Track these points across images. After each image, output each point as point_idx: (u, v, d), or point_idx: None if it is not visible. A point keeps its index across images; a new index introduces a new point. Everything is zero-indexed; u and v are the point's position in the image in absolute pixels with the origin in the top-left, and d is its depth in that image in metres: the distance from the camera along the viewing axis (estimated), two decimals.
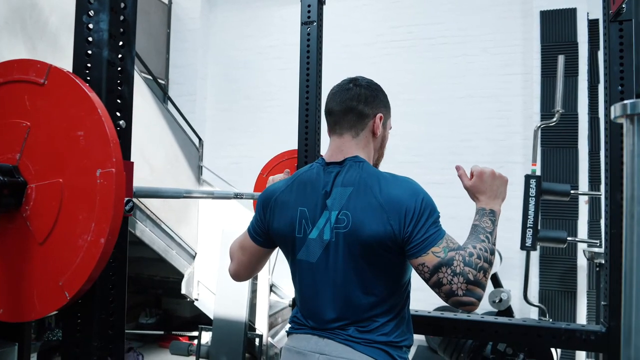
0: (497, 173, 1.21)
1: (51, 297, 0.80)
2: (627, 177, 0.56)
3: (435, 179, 4.57)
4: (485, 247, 1.06)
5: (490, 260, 1.05)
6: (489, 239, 1.10)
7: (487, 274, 1.04)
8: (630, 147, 0.56)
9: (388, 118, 1.29)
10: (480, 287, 1.01)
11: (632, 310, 0.55)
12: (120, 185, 0.78)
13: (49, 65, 0.83)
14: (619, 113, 0.56)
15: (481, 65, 4.47)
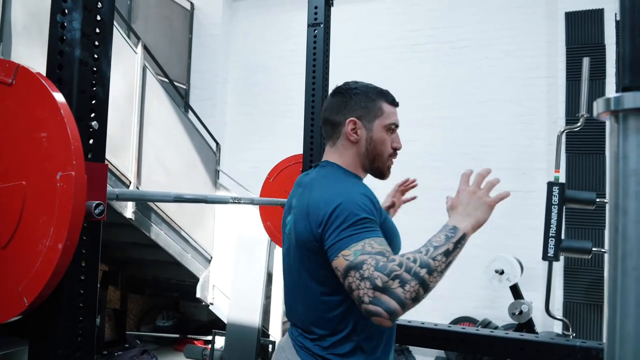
0: (479, 193, 1.10)
1: (11, 303, 0.77)
2: (610, 184, 0.49)
3: (454, 185, 4.43)
4: (417, 259, 0.95)
5: (417, 273, 0.92)
6: (429, 252, 0.96)
7: (408, 287, 0.91)
8: (615, 149, 0.49)
9: (370, 119, 1.21)
10: (390, 295, 0.91)
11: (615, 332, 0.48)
12: (81, 189, 0.75)
13: (17, 65, 0.81)
14: (601, 109, 0.49)
15: (504, 68, 4.34)
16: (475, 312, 4.25)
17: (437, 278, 0.96)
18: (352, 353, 1.11)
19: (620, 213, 0.48)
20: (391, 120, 1.23)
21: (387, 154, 1.24)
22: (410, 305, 0.94)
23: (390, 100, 1.26)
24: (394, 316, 0.93)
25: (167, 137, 3.83)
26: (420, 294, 0.93)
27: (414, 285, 0.92)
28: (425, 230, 4.96)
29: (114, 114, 3.21)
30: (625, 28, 0.49)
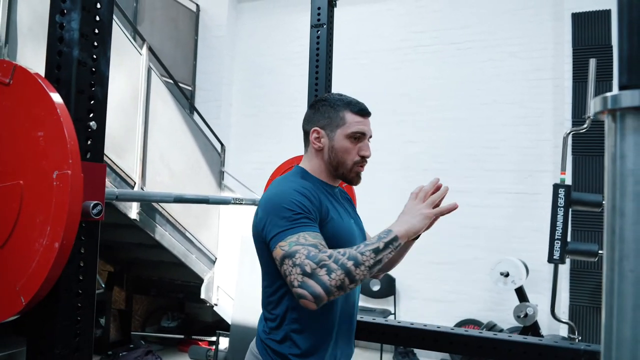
0: (418, 205, 1.17)
1: (9, 303, 0.77)
2: (607, 185, 0.48)
3: (460, 187, 4.42)
4: (347, 252, 1.05)
5: (344, 264, 1.03)
6: (359, 248, 1.07)
7: (333, 275, 1.01)
8: (612, 148, 0.48)
9: (332, 129, 1.29)
10: (316, 281, 1.01)
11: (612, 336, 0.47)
12: (77, 188, 0.75)
13: (14, 65, 0.81)
14: (598, 108, 0.48)
15: (509, 70, 4.32)
16: (480, 315, 4.23)
17: (364, 271, 1.05)
18: (282, 341, 1.22)
19: (617, 214, 0.47)
20: (354, 129, 1.27)
21: (351, 162, 1.28)
22: (336, 293, 1.03)
23: (355, 110, 1.29)
24: (318, 300, 1.02)
25: (172, 139, 3.84)
26: (345, 284, 1.03)
27: (339, 274, 1.02)
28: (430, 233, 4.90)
29: (119, 116, 3.23)
30: (622, 26, 0.48)
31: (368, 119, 1.33)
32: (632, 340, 0.45)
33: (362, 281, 1.08)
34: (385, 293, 4.66)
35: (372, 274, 1.10)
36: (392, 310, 4.59)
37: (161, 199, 1.20)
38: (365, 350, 4.71)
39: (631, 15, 0.48)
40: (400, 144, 4.69)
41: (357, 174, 1.31)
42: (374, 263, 1.06)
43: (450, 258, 4.42)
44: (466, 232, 4.35)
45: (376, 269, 1.08)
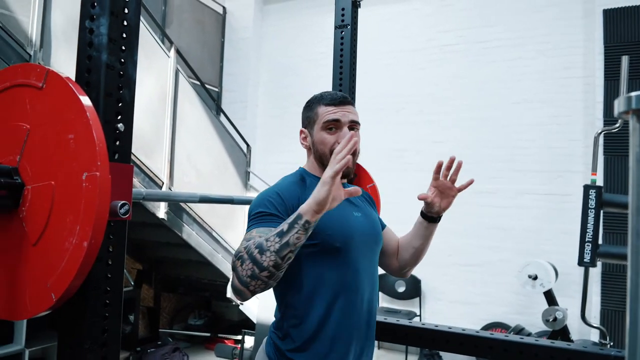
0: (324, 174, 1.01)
1: (40, 298, 0.80)
2: (632, 186, 0.47)
3: (486, 188, 4.36)
4: (257, 241, 1.04)
5: (251, 253, 1.02)
6: (267, 234, 1.04)
7: (244, 265, 1.02)
8: (637, 149, 0.47)
9: (311, 126, 1.32)
10: (235, 274, 1.04)
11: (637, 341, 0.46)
12: (105, 189, 0.77)
13: (47, 69, 0.85)
14: (622, 108, 0.47)
15: (538, 68, 4.22)
16: (508, 318, 4.15)
17: (271, 257, 1.00)
18: (284, 338, 1.23)
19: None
20: (325, 118, 1.27)
21: (329, 151, 1.26)
22: (253, 283, 1.02)
23: (326, 101, 1.29)
24: (237, 293, 1.05)
25: (199, 139, 3.90)
26: (255, 272, 1.01)
27: (248, 264, 1.01)
28: (457, 234, 4.89)
29: (147, 117, 3.30)
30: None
31: (344, 107, 1.28)
32: None
33: (278, 268, 1.01)
34: (410, 294, 4.62)
35: (285, 259, 1.01)
36: (417, 312, 4.55)
37: (187, 199, 1.23)
38: (390, 352, 4.69)
39: None
40: (427, 144, 4.64)
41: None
42: (280, 247, 1.00)
43: (477, 260, 4.36)
44: (494, 233, 4.28)
45: (287, 253, 1.00)
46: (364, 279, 1.27)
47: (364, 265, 1.27)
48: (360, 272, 1.26)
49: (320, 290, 1.21)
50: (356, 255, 1.25)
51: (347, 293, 1.23)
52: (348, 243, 1.23)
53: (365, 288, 1.27)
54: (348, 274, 1.23)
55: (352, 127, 1.29)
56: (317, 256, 1.20)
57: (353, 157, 1.26)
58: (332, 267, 1.22)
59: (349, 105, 1.30)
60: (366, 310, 1.28)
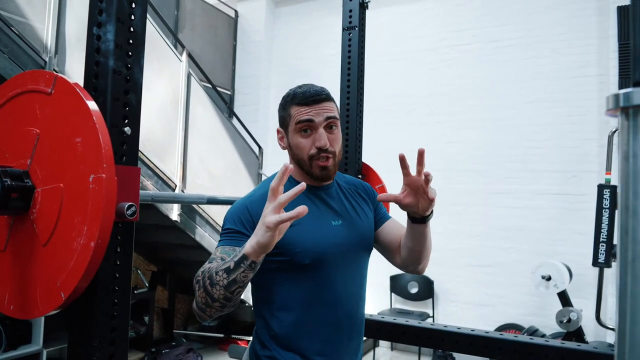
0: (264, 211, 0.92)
1: (50, 297, 0.83)
2: (620, 185, 0.47)
3: (500, 189, 4.32)
4: (210, 269, 0.99)
5: (204, 283, 0.99)
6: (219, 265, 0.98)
7: (199, 293, 1.00)
8: (625, 147, 0.47)
9: (286, 126, 1.22)
10: (195, 296, 1.02)
11: (625, 339, 0.46)
12: (111, 191, 0.80)
13: (55, 75, 0.87)
14: (611, 106, 0.48)
15: (551, 67, 4.17)
16: (522, 320, 4.10)
17: (221, 291, 0.96)
18: (262, 344, 1.19)
19: (630, 214, 0.46)
20: (297, 119, 1.16)
21: (306, 157, 1.17)
22: (207, 310, 1.00)
23: (298, 101, 1.17)
24: (197, 314, 1.03)
25: (211, 142, 3.94)
26: (209, 302, 0.98)
27: (202, 292, 0.99)
28: (470, 235, 4.85)
29: (160, 121, 3.35)
30: (635, 19, 0.47)
31: (318, 105, 1.16)
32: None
33: (229, 300, 0.97)
34: (423, 296, 4.60)
35: (235, 293, 0.97)
36: (430, 314, 4.53)
37: (195, 201, 1.25)
38: (404, 353, 4.67)
39: None
40: (439, 144, 4.62)
41: (319, 168, 1.17)
42: (228, 283, 0.95)
43: (490, 261, 4.32)
44: (507, 234, 4.24)
45: (235, 288, 0.96)
46: (342, 292, 1.19)
47: (341, 278, 1.19)
48: (336, 286, 1.18)
49: (291, 306, 1.15)
50: (331, 270, 1.17)
51: (320, 309, 1.16)
52: (320, 259, 1.15)
53: (344, 301, 1.19)
54: (321, 289, 1.16)
55: (330, 125, 1.18)
56: (286, 272, 1.15)
57: (333, 158, 1.18)
58: (302, 283, 1.15)
59: (323, 101, 1.17)
60: (348, 322, 1.20)
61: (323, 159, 1.17)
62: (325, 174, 1.19)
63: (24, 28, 2.49)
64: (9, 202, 0.85)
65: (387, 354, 4.71)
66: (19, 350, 3.25)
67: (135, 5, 0.96)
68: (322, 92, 1.18)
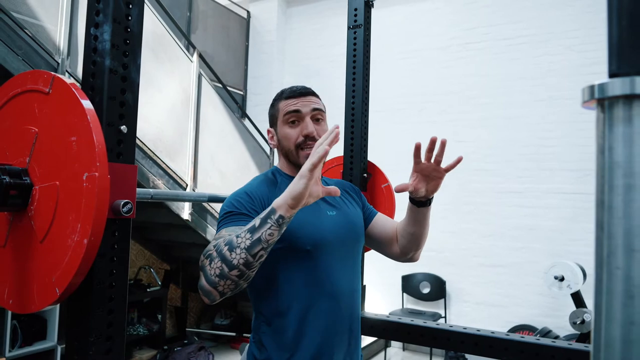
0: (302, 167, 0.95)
1: (46, 292, 0.85)
2: (596, 179, 0.47)
3: (513, 188, 4.27)
4: (227, 238, 0.98)
5: (221, 250, 0.96)
6: (238, 231, 0.98)
7: (213, 264, 0.97)
8: (600, 140, 0.46)
9: (275, 123, 1.28)
10: (203, 273, 0.99)
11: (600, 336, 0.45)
12: (104, 189, 0.81)
13: (53, 75, 0.89)
14: (587, 97, 0.47)
15: (565, 64, 4.11)
16: (535, 321, 4.05)
17: (241, 254, 0.94)
18: (259, 347, 1.18)
19: (605, 209, 0.45)
20: (285, 110, 1.23)
21: (293, 146, 1.22)
22: (221, 283, 0.96)
23: (285, 95, 1.25)
24: (205, 294, 0.99)
25: (222, 142, 3.97)
26: (225, 271, 0.95)
27: (217, 262, 0.96)
28: (482, 235, 4.81)
29: (171, 121, 3.39)
30: (612, 10, 0.47)
31: (304, 97, 1.24)
32: (621, 341, 0.44)
33: (249, 266, 0.95)
34: (435, 296, 4.57)
35: (257, 257, 0.95)
36: (442, 314, 4.50)
37: (196, 199, 1.26)
38: (416, 354, 4.65)
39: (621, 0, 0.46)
40: (450, 143, 4.54)
41: (305, 157, 1.20)
42: (252, 244, 0.94)
43: (503, 261, 4.27)
44: (520, 234, 4.19)
45: (258, 250, 0.94)
46: (342, 283, 1.20)
47: (340, 268, 1.20)
48: (336, 275, 1.19)
49: (293, 299, 1.14)
50: (330, 258, 1.18)
51: (322, 299, 1.16)
52: (320, 245, 1.16)
53: (344, 292, 1.20)
54: (322, 278, 1.16)
55: (316, 117, 1.24)
56: (286, 260, 1.14)
57: None
58: (304, 272, 1.15)
59: (309, 95, 1.25)
60: (347, 316, 1.20)
61: (309, 147, 1.21)
62: None
63: (37, 30, 2.54)
64: (7, 199, 0.86)
65: (399, 354, 4.69)
66: (34, 346, 3.32)
67: (132, 6, 0.98)
68: (308, 88, 1.27)
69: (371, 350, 4.51)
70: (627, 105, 0.44)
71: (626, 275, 0.43)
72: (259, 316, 1.20)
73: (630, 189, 0.44)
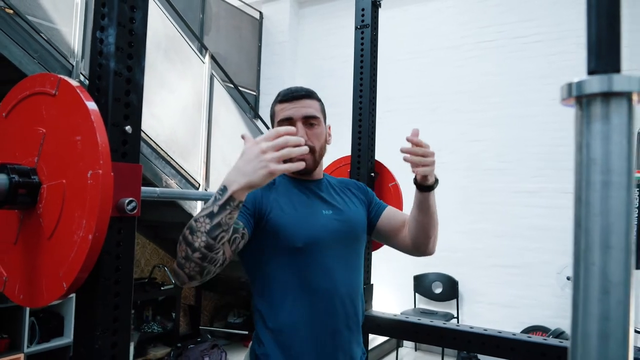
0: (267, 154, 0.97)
1: (54, 287, 0.88)
2: (574, 176, 0.47)
3: (525, 187, 4.23)
4: (189, 224, 0.99)
5: (184, 234, 0.99)
6: (199, 212, 0.99)
7: (180, 247, 0.99)
8: (579, 138, 0.47)
9: (273, 125, 1.30)
10: (177, 259, 1.01)
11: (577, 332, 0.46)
12: (107, 186, 0.83)
13: (59, 78, 0.92)
14: (565, 95, 0.48)
15: (579, 62, 4.05)
16: (549, 322, 4.00)
17: (202, 237, 0.96)
18: (259, 343, 1.19)
19: (582, 205, 0.46)
20: (280, 117, 1.24)
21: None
22: (187, 265, 0.99)
23: (279, 99, 1.26)
24: (175, 275, 1.02)
25: (234, 142, 4.01)
26: (189, 254, 0.98)
27: (182, 245, 0.99)
28: (495, 235, 4.77)
29: (184, 122, 3.43)
30: (591, 8, 0.47)
31: (298, 102, 1.23)
32: (597, 336, 0.44)
33: (211, 248, 0.97)
34: (447, 296, 4.55)
35: (219, 239, 0.97)
36: (454, 314, 4.47)
37: (201, 197, 1.28)
38: (428, 354, 4.63)
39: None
40: (463, 142, 4.56)
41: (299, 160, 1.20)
42: (212, 228, 0.96)
43: (516, 261, 4.23)
44: (534, 234, 4.15)
45: (219, 233, 0.97)
46: (339, 280, 1.20)
47: (337, 265, 1.21)
48: (333, 273, 1.19)
49: (288, 296, 1.15)
50: (326, 256, 1.19)
51: (319, 296, 1.17)
52: (312, 243, 1.17)
53: (341, 290, 1.20)
54: (318, 276, 1.17)
55: (309, 123, 1.24)
56: (278, 258, 1.16)
57: (312, 153, 1.23)
58: (296, 269, 1.16)
59: (303, 99, 1.24)
60: (344, 313, 1.21)
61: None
62: (304, 169, 1.19)
63: (53, 33, 2.60)
64: (17, 197, 0.90)
65: (411, 354, 4.68)
66: (51, 343, 3.40)
67: (136, 10, 1.00)
68: (302, 90, 1.26)
69: (383, 349, 4.51)
70: (605, 102, 0.45)
71: (602, 271, 0.44)
72: (256, 312, 1.23)
73: (607, 185, 0.44)
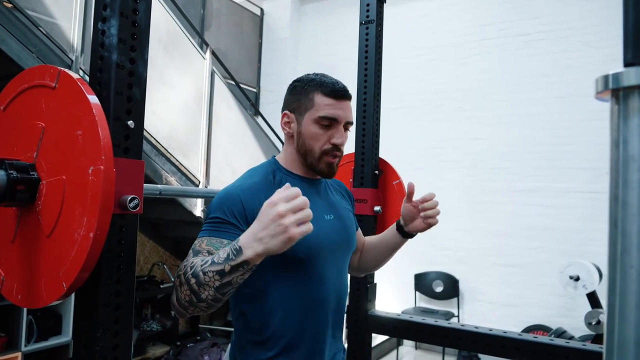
0: (285, 218, 0.81)
1: (53, 287, 0.85)
2: (610, 173, 0.45)
3: (527, 186, 4.21)
4: (196, 265, 0.90)
5: (189, 280, 0.89)
6: (207, 264, 0.88)
7: (182, 289, 0.91)
8: (615, 133, 0.44)
9: (301, 112, 1.16)
10: (175, 291, 0.93)
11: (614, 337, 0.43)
12: (109, 182, 0.80)
13: (59, 70, 0.89)
14: (600, 88, 0.45)
15: (583, 61, 4.03)
16: (550, 321, 3.99)
17: (210, 292, 0.88)
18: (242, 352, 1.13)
19: (619, 205, 0.43)
20: (322, 112, 1.12)
21: (319, 150, 1.13)
22: (190, 309, 0.92)
23: (327, 91, 1.13)
24: (175, 310, 0.95)
25: (235, 139, 3.98)
26: (193, 301, 0.90)
27: (186, 289, 0.91)
28: (496, 234, 4.74)
29: (184, 118, 3.40)
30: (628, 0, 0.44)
31: (344, 102, 1.15)
32: (635, 342, 0.41)
33: (217, 301, 0.90)
34: (448, 295, 4.53)
35: (226, 294, 0.90)
36: (455, 313, 4.45)
37: (203, 194, 1.26)
38: (428, 353, 4.61)
39: None
40: (466, 141, 4.53)
41: (327, 164, 1.15)
42: (221, 285, 0.88)
43: (518, 260, 4.21)
44: (536, 233, 4.13)
45: (228, 290, 0.89)
46: (331, 289, 1.15)
47: (331, 274, 1.16)
48: (326, 282, 1.14)
49: (283, 306, 1.09)
50: (323, 265, 1.13)
51: (311, 306, 1.12)
52: (314, 253, 1.11)
53: (331, 299, 1.16)
54: (313, 286, 1.12)
55: (346, 128, 1.17)
56: (277, 268, 1.08)
57: (340, 157, 1.19)
58: (295, 279, 1.10)
59: (348, 101, 1.17)
60: (331, 322, 1.17)
61: (333, 156, 1.15)
62: (330, 171, 1.17)
63: (52, 28, 2.56)
64: (15, 194, 0.87)
65: (411, 353, 4.66)
66: (49, 341, 3.37)
67: (139, 0, 0.97)
68: (347, 90, 1.18)
69: (383, 348, 4.49)
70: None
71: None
72: (241, 316, 1.13)
73: None
